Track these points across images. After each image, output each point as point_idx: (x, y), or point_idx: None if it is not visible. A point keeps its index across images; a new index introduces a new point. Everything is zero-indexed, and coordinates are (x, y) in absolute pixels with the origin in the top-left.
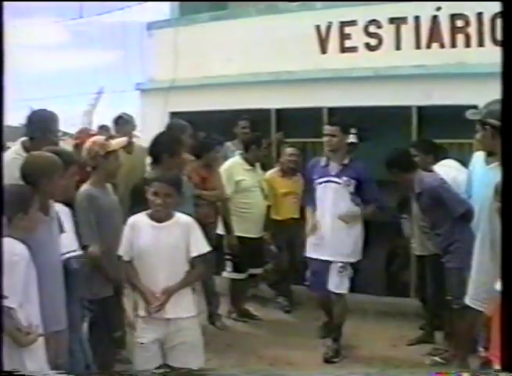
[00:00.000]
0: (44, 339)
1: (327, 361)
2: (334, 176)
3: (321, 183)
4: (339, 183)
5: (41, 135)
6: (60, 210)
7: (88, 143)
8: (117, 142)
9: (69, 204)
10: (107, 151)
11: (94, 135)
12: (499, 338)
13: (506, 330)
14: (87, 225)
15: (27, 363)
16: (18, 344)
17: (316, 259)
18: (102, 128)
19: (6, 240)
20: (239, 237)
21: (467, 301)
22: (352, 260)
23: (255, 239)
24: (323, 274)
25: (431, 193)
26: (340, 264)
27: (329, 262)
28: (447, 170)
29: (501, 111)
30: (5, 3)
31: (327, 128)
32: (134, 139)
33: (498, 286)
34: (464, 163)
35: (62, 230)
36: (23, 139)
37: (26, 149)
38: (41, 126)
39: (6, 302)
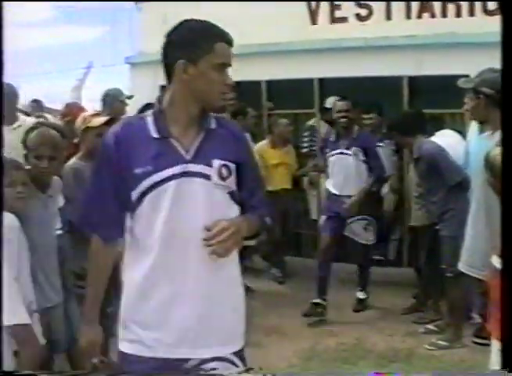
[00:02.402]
0: (39, 316)
1: None
2: (191, 161)
3: (164, 181)
4: (207, 176)
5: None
6: None
7: (79, 118)
8: (98, 119)
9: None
10: (86, 126)
11: (83, 109)
12: (500, 315)
13: (505, 306)
14: (72, 199)
15: None
16: None
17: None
18: (35, 102)
19: None
20: None
21: (462, 268)
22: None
23: None
24: None
25: (429, 159)
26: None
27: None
28: (443, 139)
29: (501, 80)
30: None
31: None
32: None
33: (495, 261)
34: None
35: None
36: None
37: None
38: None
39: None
